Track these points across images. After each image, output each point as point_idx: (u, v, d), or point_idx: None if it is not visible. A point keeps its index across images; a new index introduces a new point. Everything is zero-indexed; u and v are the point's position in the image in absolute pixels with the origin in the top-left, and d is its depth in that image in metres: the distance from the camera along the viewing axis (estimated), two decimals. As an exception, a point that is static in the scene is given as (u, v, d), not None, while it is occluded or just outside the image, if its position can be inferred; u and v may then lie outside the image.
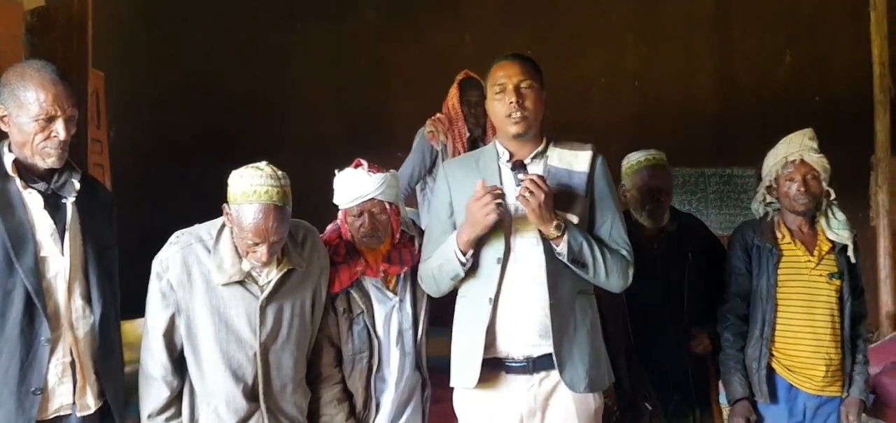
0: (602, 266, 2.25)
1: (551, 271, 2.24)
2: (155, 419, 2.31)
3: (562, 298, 2.25)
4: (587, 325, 2.30)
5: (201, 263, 2.25)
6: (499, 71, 2.31)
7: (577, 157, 2.33)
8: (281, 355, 2.34)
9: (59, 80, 2.07)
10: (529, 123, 2.29)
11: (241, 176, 2.19)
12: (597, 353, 2.32)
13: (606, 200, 2.34)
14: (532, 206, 2.14)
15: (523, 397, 2.30)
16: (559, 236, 2.19)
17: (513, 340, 2.29)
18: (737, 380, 2.84)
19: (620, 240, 2.33)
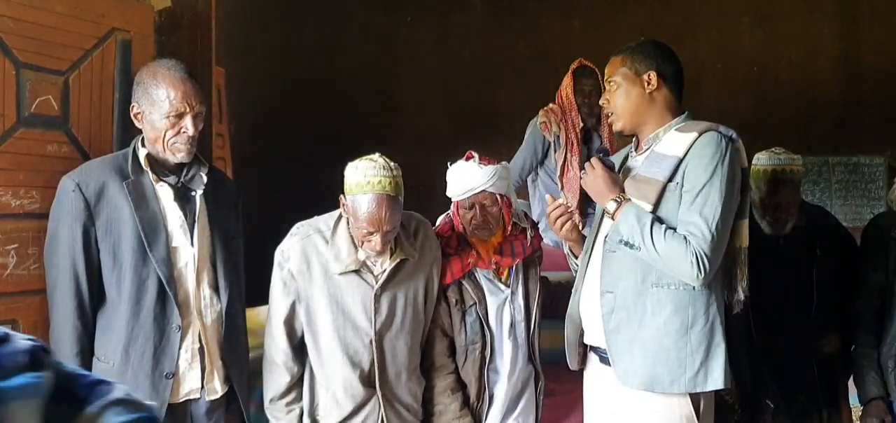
0: (653, 250, 2.04)
1: (608, 259, 2.20)
2: (277, 403, 2.39)
3: (621, 288, 2.16)
4: (660, 320, 2.11)
5: (320, 253, 2.32)
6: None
7: (682, 140, 2.14)
8: (395, 343, 2.38)
9: (187, 78, 2.17)
10: (619, 116, 2.27)
11: (356, 167, 2.25)
12: (670, 352, 2.11)
13: (693, 183, 2.08)
14: (588, 183, 2.24)
15: (607, 384, 2.26)
16: (612, 214, 2.16)
17: (591, 332, 2.30)
18: (871, 379, 2.70)
19: (690, 224, 2.06)
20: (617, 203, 2.14)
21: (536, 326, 2.60)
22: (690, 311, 2.11)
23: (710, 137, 2.11)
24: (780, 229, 2.84)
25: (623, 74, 2.24)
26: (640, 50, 2.25)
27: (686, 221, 2.07)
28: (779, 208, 2.81)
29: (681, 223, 2.08)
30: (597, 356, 2.32)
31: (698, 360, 2.11)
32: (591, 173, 2.22)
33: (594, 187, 2.22)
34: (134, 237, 2.12)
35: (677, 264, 2.05)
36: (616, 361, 2.17)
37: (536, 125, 3.93)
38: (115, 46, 2.46)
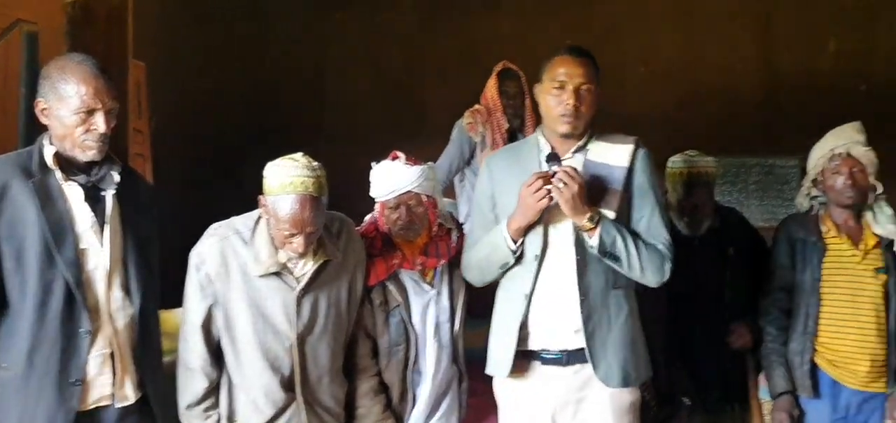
0: (636, 260, 2.22)
1: (582, 266, 2.25)
2: (193, 410, 2.33)
3: (593, 293, 2.26)
4: (622, 320, 2.28)
5: (238, 254, 2.27)
6: (561, 66, 2.28)
7: (617, 150, 2.30)
8: (317, 346, 2.35)
9: (99, 73, 2.09)
10: (581, 125, 2.29)
11: (277, 167, 2.20)
12: (632, 347, 2.31)
13: (645, 194, 2.30)
14: (565, 197, 2.15)
15: (558, 388, 2.31)
16: (592, 228, 2.18)
17: (548, 334, 2.30)
18: (779, 374, 2.80)
19: (658, 234, 2.29)
20: (596, 218, 2.19)
21: (461, 326, 2.61)
22: (635, 307, 2.35)
23: (646, 152, 2.33)
24: (696, 230, 2.94)
25: (595, 81, 2.28)
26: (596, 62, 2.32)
27: (654, 232, 2.29)
28: (695, 209, 2.91)
29: (649, 234, 2.28)
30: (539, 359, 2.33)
31: (644, 350, 2.37)
32: (573, 185, 2.15)
33: (573, 202, 2.16)
34: (39, 239, 2.02)
35: (651, 273, 2.26)
36: (597, 364, 2.25)
37: (462, 126, 3.95)
38: (20, 38, 2.35)
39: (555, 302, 2.28)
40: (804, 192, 2.93)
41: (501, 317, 2.38)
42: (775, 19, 6.58)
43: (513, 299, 2.33)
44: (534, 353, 2.33)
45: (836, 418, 2.78)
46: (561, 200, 2.16)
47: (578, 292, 2.24)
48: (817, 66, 6.60)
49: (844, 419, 2.79)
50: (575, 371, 2.29)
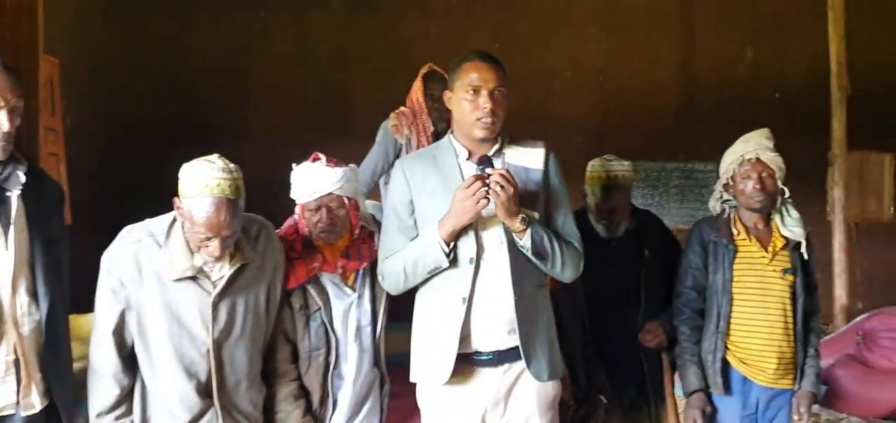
0: (559, 258, 2.30)
1: (515, 267, 2.28)
2: (104, 417, 2.26)
3: (526, 292, 2.30)
4: (545, 317, 2.38)
5: (152, 258, 2.21)
6: (473, 72, 2.28)
7: (530, 154, 2.37)
8: (234, 351, 2.30)
9: (2, 70, 2.01)
10: (497, 129, 2.31)
11: (193, 169, 2.15)
12: (553, 342, 2.40)
13: (559, 195, 2.40)
14: (502, 200, 2.16)
15: (488, 388, 2.33)
16: (524, 229, 2.22)
17: (484, 336, 2.31)
18: (692, 372, 2.88)
19: (572, 233, 2.39)
20: (528, 219, 2.22)
21: (383, 329, 2.60)
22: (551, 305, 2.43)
23: (555, 156, 2.41)
24: (614, 232, 3.01)
25: (506, 83, 2.30)
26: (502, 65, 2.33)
27: (568, 231, 2.39)
28: (613, 212, 2.98)
29: (565, 233, 2.37)
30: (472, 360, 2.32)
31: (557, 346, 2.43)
32: (510, 187, 2.17)
33: (508, 204, 2.17)
34: (-62, 243, 1.94)
35: (570, 269, 2.36)
36: (531, 361, 2.30)
37: (387, 128, 3.93)
38: (-81, 32, 2.25)
39: (492, 304, 2.29)
40: (716, 196, 3.01)
41: (434, 323, 2.34)
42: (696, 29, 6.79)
43: (448, 303, 2.30)
44: (467, 356, 2.31)
45: (746, 414, 2.88)
46: (498, 203, 2.18)
47: (513, 292, 2.27)
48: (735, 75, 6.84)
49: (754, 415, 2.89)
50: (504, 371, 2.32)
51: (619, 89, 6.47)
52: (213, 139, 2.46)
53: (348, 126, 5.48)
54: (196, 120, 5.22)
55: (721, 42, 6.83)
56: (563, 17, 6.42)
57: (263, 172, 2.38)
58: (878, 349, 4.98)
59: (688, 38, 6.78)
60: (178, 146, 2.62)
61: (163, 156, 3.60)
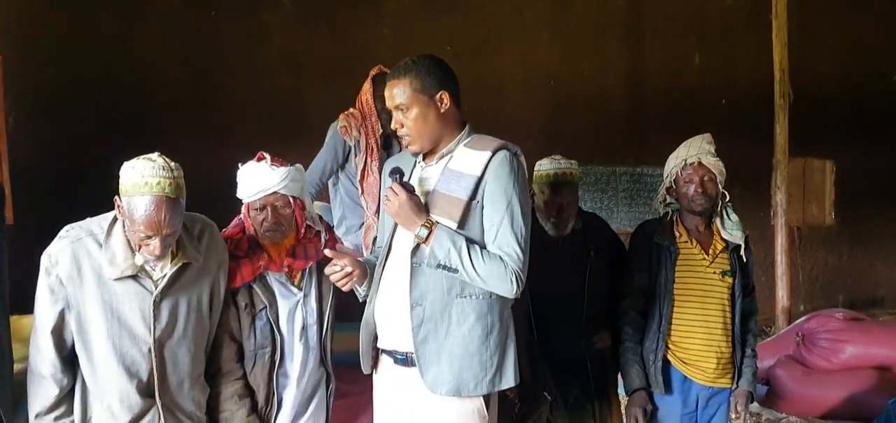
0: (473, 272, 2.17)
1: (416, 274, 2.24)
2: (43, 418, 2.23)
3: (428, 301, 2.23)
4: (465, 329, 2.23)
5: (92, 257, 2.19)
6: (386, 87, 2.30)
7: (474, 158, 2.25)
8: (177, 350, 2.29)
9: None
10: (415, 140, 2.28)
11: (133, 167, 2.13)
12: (473, 358, 2.24)
13: (497, 203, 2.22)
14: (391, 210, 2.23)
15: (402, 386, 2.33)
16: (423, 240, 2.21)
17: (392, 337, 2.32)
18: (634, 371, 2.94)
19: (506, 245, 2.20)
20: (428, 229, 2.19)
21: (329, 328, 2.61)
22: (489, 318, 2.25)
23: (503, 157, 2.24)
24: (562, 230, 3.03)
25: (414, 97, 2.23)
26: (425, 70, 2.25)
27: (501, 243, 2.20)
28: (561, 209, 3.00)
29: (495, 244, 2.21)
30: (391, 358, 2.35)
31: (496, 362, 2.27)
32: (395, 200, 2.21)
33: (401, 214, 2.21)
34: None
35: (496, 284, 2.20)
36: (425, 370, 2.22)
37: (336, 129, 3.92)
38: None
39: (392, 309, 2.30)
40: (660, 198, 3.07)
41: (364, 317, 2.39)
42: (645, 35, 6.91)
43: (368, 302, 2.38)
44: (388, 351, 2.36)
45: (686, 412, 2.95)
46: (390, 212, 2.24)
47: (409, 300, 2.24)
48: (683, 81, 6.98)
49: (693, 414, 2.97)
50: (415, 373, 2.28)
51: (569, 94, 6.54)
52: (161, 138, 2.43)
53: (299, 127, 5.44)
54: (144, 119, 5.13)
55: (669, 49, 6.96)
56: (515, 22, 6.47)
57: (212, 172, 2.36)
58: (816, 350, 5.11)
59: (637, 44, 6.89)
60: (125, 146, 2.59)
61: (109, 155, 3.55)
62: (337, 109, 4.14)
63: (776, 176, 6.29)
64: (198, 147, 2.40)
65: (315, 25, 6.10)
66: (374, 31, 6.11)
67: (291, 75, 5.98)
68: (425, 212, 2.22)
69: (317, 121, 4.47)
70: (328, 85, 5.72)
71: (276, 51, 6.01)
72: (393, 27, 6.17)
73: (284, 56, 6.01)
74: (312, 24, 6.10)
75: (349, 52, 5.92)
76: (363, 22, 6.10)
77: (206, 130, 5.42)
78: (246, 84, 5.86)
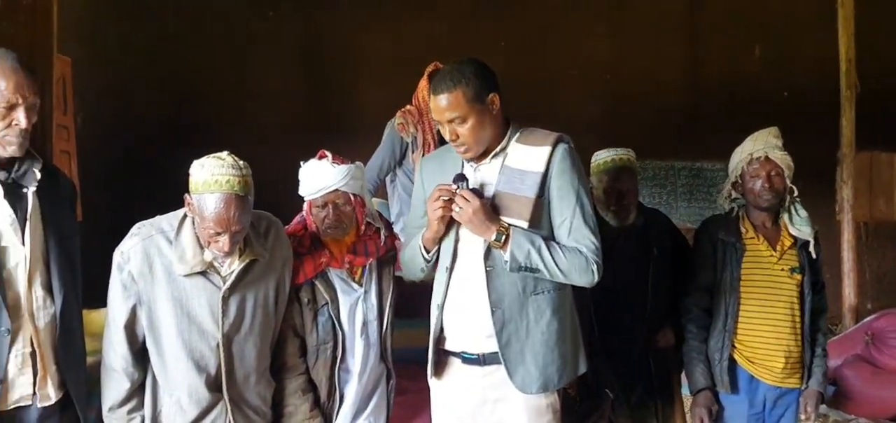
0: (556, 269, 2.20)
1: (491, 277, 2.25)
2: (116, 411, 2.29)
3: (508, 303, 2.25)
4: (543, 325, 2.27)
5: (163, 254, 2.24)
6: (432, 104, 2.28)
7: (534, 154, 2.26)
8: (244, 345, 2.33)
9: (19, 67, 2.04)
10: (473, 147, 2.27)
11: (203, 166, 2.18)
12: (555, 352, 2.28)
13: (566, 196, 2.25)
14: (464, 218, 2.21)
15: (474, 388, 2.35)
16: (500, 245, 2.20)
17: (464, 339, 2.34)
18: (699, 371, 2.89)
19: (582, 237, 2.23)
20: (504, 234, 2.19)
21: (389, 325, 2.62)
22: (563, 310, 2.31)
23: (565, 150, 2.26)
24: (624, 219, 2.98)
25: (468, 107, 2.21)
26: (473, 76, 2.22)
27: (577, 235, 2.23)
28: (621, 196, 2.96)
29: (571, 238, 2.23)
30: (459, 359, 2.37)
31: (572, 351, 2.35)
32: (468, 207, 2.18)
33: (474, 221, 2.19)
34: (-43, 237, 1.97)
35: (578, 276, 2.23)
36: (513, 372, 2.25)
37: (394, 126, 3.95)
38: (-62, 31, 2.28)
39: (466, 312, 2.31)
40: (725, 194, 3.02)
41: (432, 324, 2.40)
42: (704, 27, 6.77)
43: (433, 306, 2.39)
44: (456, 353, 2.37)
45: (753, 412, 2.89)
46: (462, 220, 2.22)
47: (489, 303, 2.25)
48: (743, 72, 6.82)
49: (761, 414, 2.90)
50: (492, 371, 2.31)
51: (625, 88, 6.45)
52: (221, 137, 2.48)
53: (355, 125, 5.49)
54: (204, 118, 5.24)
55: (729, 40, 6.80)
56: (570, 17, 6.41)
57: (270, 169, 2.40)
58: (886, 350, 4.97)
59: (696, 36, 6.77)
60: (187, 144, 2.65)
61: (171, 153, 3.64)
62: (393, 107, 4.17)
63: (842, 170, 6.11)
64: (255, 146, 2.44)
65: (370, 24, 6.14)
66: (429, 27, 6.11)
67: (347, 74, 6.03)
68: (497, 217, 2.22)
69: (372, 119, 4.50)
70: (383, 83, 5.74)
71: (333, 50, 6.07)
72: (447, 23, 6.16)
73: (340, 55, 6.06)
74: (368, 22, 6.14)
75: (404, 50, 5.93)
76: (418, 19, 6.11)
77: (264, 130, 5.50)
78: (303, 83, 5.93)
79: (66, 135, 4.31)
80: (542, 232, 2.24)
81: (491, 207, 2.23)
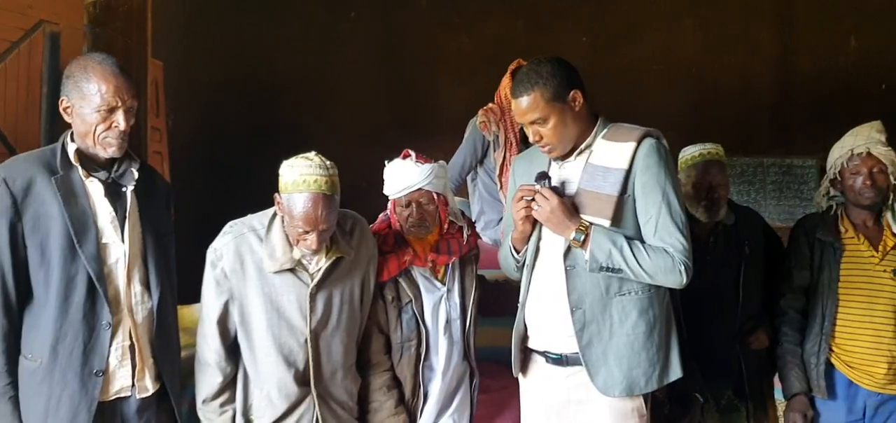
0: (639, 270, 2.13)
1: (572, 276, 2.21)
2: (209, 404, 2.37)
3: (589, 303, 2.21)
4: (628, 326, 2.20)
5: (254, 251, 2.30)
6: (513, 106, 2.26)
7: (618, 150, 2.19)
8: (331, 341, 2.37)
9: (119, 72, 2.12)
10: (557, 146, 2.24)
11: (292, 166, 2.23)
12: (641, 355, 2.21)
13: (651, 193, 2.16)
14: (542, 216, 2.19)
15: (559, 388, 2.32)
16: (579, 244, 2.16)
17: (546, 338, 2.32)
18: (794, 375, 2.79)
19: (669, 236, 2.15)
20: (584, 233, 2.15)
21: (472, 323, 2.62)
22: (651, 312, 2.23)
23: (650, 145, 2.18)
24: (715, 214, 2.87)
25: (548, 106, 2.18)
26: (551, 75, 2.19)
27: (663, 234, 2.15)
28: (712, 189, 2.86)
29: (657, 237, 2.16)
30: (543, 358, 2.35)
31: (662, 355, 2.25)
32: (546, 205, 2.16)
33: (553, 219, 2.17)
34: (63, 234, 2.07)
35: (664, 277, 2.16)
36: (594, 374, 2.21)
37: (476, 125, 3.94)
38: (43, 39, 2.40)
39: (546, 312, 2.29)
40: (823, 191, 2.91)
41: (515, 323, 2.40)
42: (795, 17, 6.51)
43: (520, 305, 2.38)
44: (540, 352, 2.36)
45: (852, 419, 2.76)
46: (540, 219, 2.20)
47: (569, 303, 2.21)
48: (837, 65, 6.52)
49: (861, 422, 2.77)
50: (575, 372, 2.27)
51: (713, 83, 6.25)
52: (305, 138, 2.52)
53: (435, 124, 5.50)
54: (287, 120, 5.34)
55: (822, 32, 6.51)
56: (654, 10, 6.25)
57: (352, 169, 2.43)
58: None
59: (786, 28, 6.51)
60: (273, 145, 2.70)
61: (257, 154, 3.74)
62: (472, 105, 4.16)
63: (946, 166, 5.81)
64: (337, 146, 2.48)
65: (450, 22, 6.14)
66: (509, 24, 6.07)
67: (428, 73, 6.04)
68: (577, 215, 2.18)
69: (452, 117, 4.51)
70: (463, 81, 5.74)
71: (413, 49, 6.09)
72: (527, 20, 6.10)
73: (421, 54, 6.08)
74: (447, 20, 6.14)
75: (484, 48, 5.91)
76: (497, 16, 6.07)
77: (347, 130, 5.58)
78: (383, 83, 5.98)
79: (158, 137, 4.47)
80: (627, 231, 2.18)
81: (572, 205, 2.19)
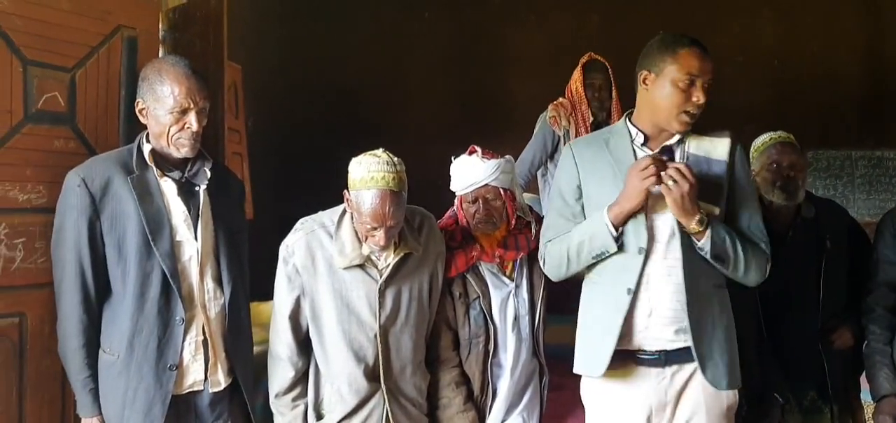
0: (742, 262, 2.12)
1: (689, 263, 2.12)
2: (282, 398, 2.41)
3: (700, 293, 2.14)
4: (725, 321, 2.19)
5: (324, 247, 2.34)
6: (694, 60, 2.09)
7: (715, 145, 2.18)
8: (400, 337, 2.39)
9: (191, 74, 2.19)
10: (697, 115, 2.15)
11: (360, 163, 2.26)
12: (733, 347, 2.20)
13: (746, 190, 2.21)
14: (675, 196, 2.03)
15: (654, 390, 2.20)
16: (701, 230, 2.07)
17: (647, 333, 2.17)
18: (884, 375, 2.64)
19: (759, 232, 2.20)
20: (707, 219, 2.08)
21: (541, 320, 2.59)
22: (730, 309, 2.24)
23: (740, 147, 2.22)
24: (793, 196, 2.72)
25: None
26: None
27: (754, 230, 2.19)
28: (790, 168, 2.73)
29: (751, 233, 2.19)
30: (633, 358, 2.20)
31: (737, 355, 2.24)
32: (684, 183, 2.02)
33: (685, 200, 2.03)
34: (138, 232, 2.14)
35: (755, 273, 2.18)
36: (705, 366, 2.15)
37: (546, 119, 3.91)
38: (120, 43, 2.49)
39: (659, 300, 2.15)
40: (915, 183, 2.76)
41: (596, 313, 2.24)
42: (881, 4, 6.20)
43: (613, 293, 2.18)
44: (630, 353, 2.20)
45: (946, 422, 2.61)
46: (669, 199, 2.05)
47: (686, 291, 2.12)
48: (930, 54, 6.19)
49: (958, 426, 2.61)
50: (674, 372, 2.18)
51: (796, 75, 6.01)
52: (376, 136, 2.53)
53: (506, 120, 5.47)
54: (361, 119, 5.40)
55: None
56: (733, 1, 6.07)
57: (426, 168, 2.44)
58: None
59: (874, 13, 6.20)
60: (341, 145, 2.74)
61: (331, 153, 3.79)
62: (543, 100, 4.12)
63: None
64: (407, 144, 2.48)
65: (523, 17, 6.10)
66: (581, 19, 5.99)
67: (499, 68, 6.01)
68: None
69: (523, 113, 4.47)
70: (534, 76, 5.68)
71: (484, 45, 6.07)
72: (601, 14, 6.01)
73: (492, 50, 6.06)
74: (520, 16, 6.10)
75: (556, 42, 5.84)
76: (570, 10, 6.00)
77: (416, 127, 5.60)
78: (456, 82, 5.98)
79: (237, 138, 4.59)
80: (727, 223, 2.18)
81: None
